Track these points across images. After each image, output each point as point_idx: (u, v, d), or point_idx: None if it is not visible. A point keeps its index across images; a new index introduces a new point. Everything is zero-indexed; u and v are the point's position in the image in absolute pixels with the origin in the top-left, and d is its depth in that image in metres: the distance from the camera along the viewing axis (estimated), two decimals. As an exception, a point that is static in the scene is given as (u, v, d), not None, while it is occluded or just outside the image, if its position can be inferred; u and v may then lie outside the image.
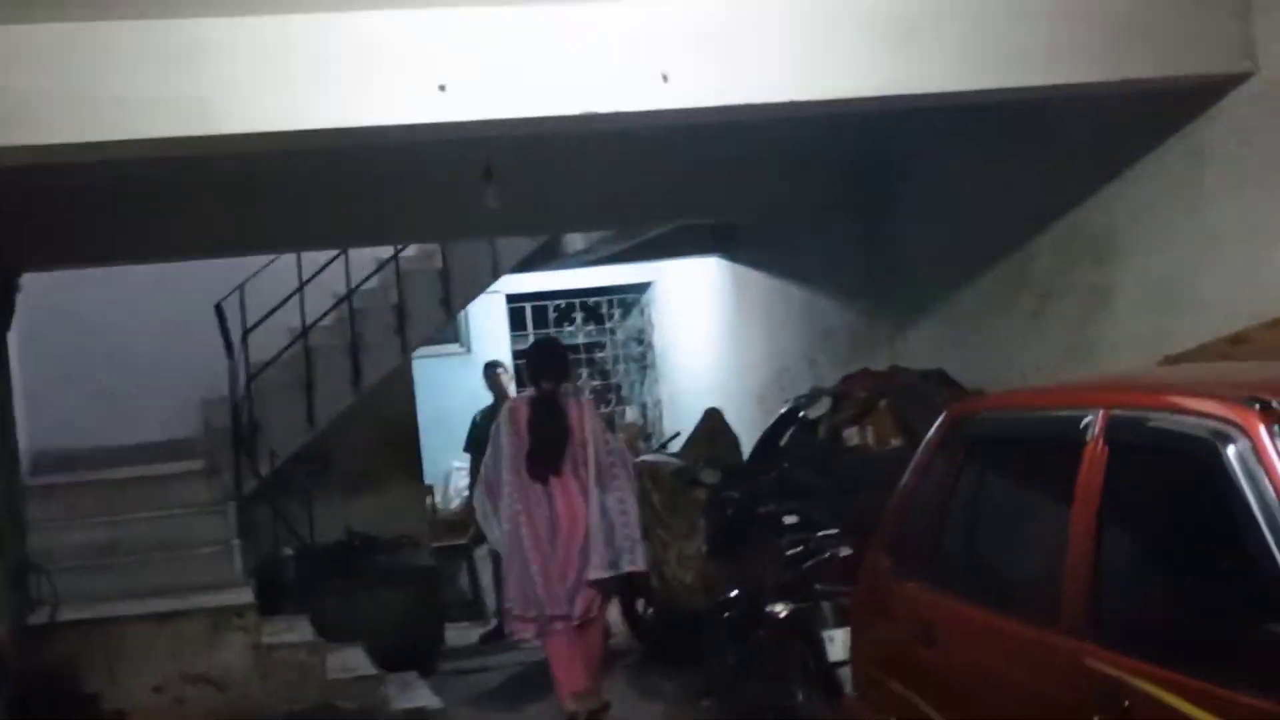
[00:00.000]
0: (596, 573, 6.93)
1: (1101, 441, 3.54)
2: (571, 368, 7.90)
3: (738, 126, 6.05)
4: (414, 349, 9.52)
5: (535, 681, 8.73)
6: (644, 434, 12.58)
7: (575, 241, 9.92)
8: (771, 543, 6.22)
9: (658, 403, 13.06)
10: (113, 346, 9.41)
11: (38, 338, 9.10)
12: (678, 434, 10.40)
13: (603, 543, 6.92)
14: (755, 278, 10.31)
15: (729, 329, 11.04)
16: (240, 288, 8.77)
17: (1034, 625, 3.70)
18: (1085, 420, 3.61)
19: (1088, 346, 6.28)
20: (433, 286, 9.18)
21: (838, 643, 5.41)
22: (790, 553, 5.96)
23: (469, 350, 12.49)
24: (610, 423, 12.44)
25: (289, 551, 9.26)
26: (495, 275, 9.37)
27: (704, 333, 11.64)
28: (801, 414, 7.38)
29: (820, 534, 5.90)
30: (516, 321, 12.97)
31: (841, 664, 5.38)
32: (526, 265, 9.90)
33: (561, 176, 7.35)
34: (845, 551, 5.58)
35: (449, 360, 12.09)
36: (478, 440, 9.41)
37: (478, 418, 9.82)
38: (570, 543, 6.95)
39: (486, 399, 10.29)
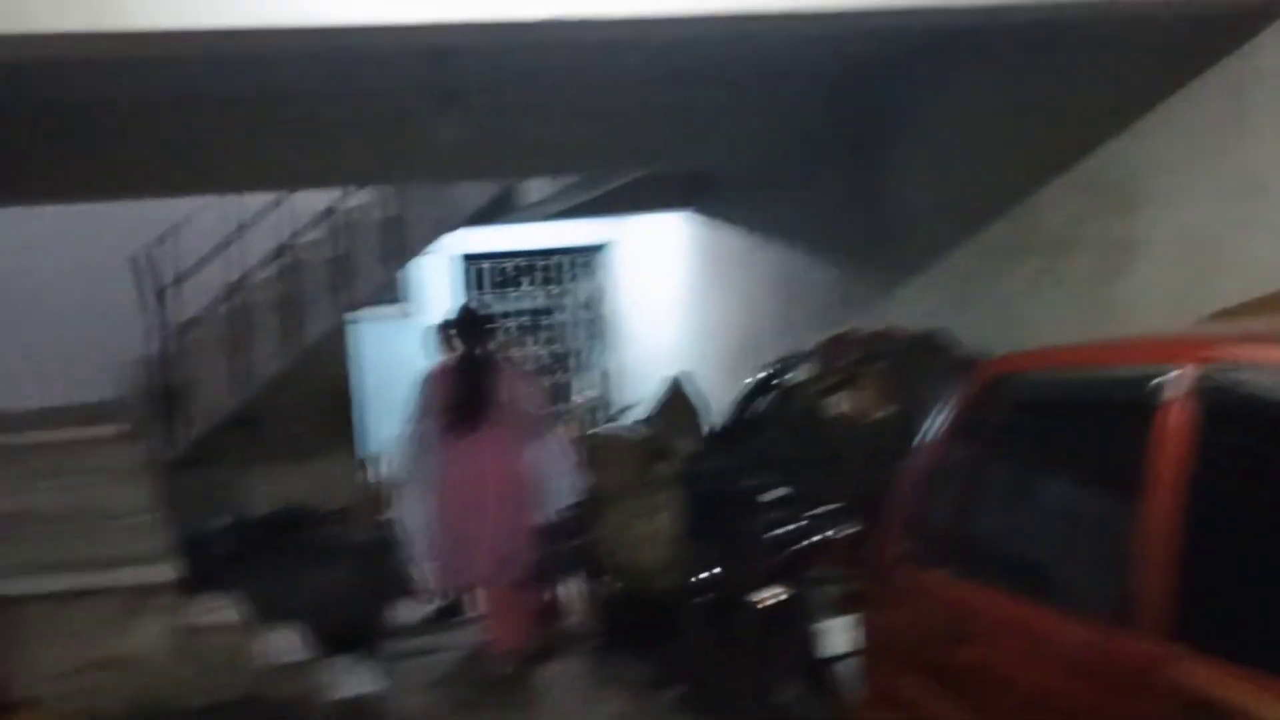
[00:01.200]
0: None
1: (1192, 403, 2.91)
2: (491, 331, 8.15)
3: (714, 62, 5.39)
4: (358, 306, 8.79)
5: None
6: (596, 405, 11.92)
7: (534, 192, 9.21)
8: (753, 521, 5.57)
9: (611, 371, 12.37)
10: (26, 299, 8.64)
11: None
12: (631, 406, 9.76)
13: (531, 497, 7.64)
14: (726, 235, 9.65)
15: (696, 291, 10.36)
16: (164, 237, 7.99)
17: (1100, 626, 3.07)
18: (1170, 377, 2.98)
19: (1108, 306, 5.66)
20: (379, 238, 8.44)
21: (834, 634, 4.78)
22: (777, 532, 5.31)
23: (412, 312, 11.73)
24: (562, 392, 11.80)
25: (218, 524, 8.54)
26: (447, 227, 8.65)
27: (667, 295, 10.95)
28: (779, 380, 6.73)
29: (812, 512, 5.25)
30: (466, 283, 12.24)
31: (838, 658, 4.76)
32: (480, 219, 9.17)
33: (522, 115, 6.67)
34: (844, 531, 4.93)
35: (390, 323, 11.33)
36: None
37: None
38: (483, 503, 7.55)
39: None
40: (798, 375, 6.58)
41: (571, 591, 9.11)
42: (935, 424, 4.10)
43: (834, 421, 6.20)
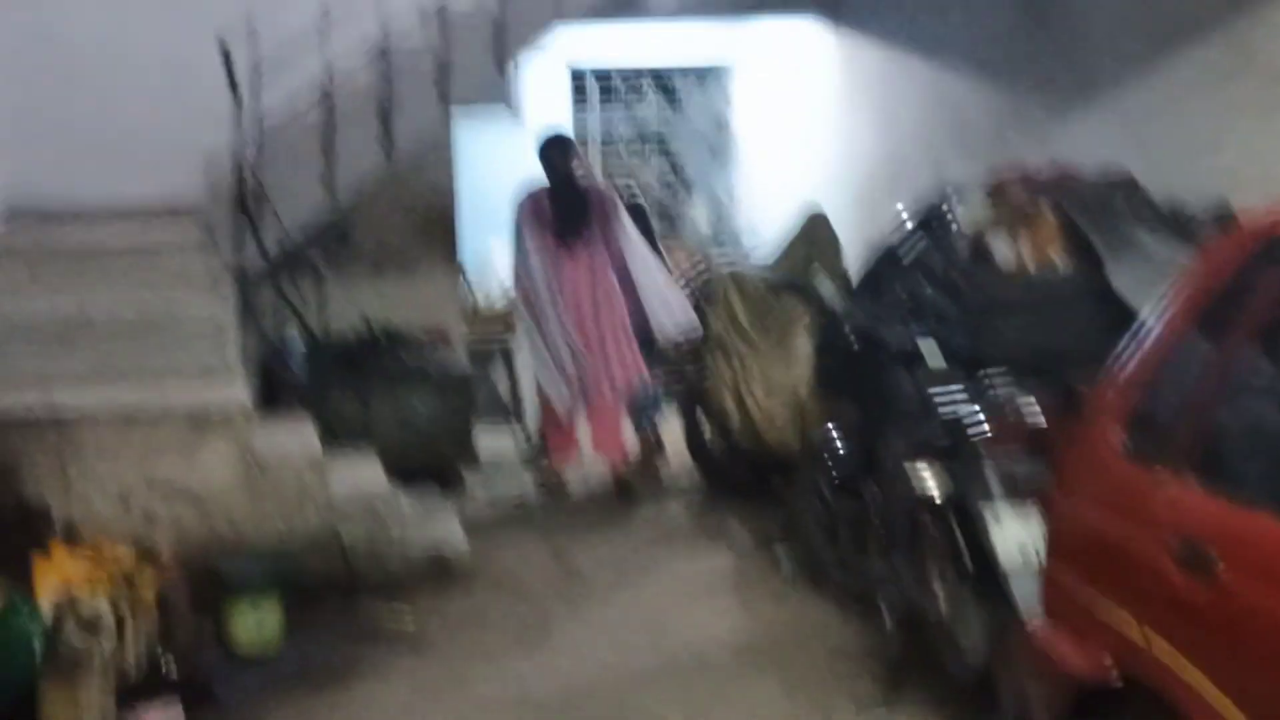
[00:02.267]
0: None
1: None
2: (576, 157, 8.16)
3: None
4: (461, 101, 7.95)
5: (586, 505, 7.60)
6: (715, 235, 11.05)
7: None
8: (911, 383, 4.77)
9: (732, 199, 11.44)
10: (101, 85, 7.86)
11: (11, 68, 7.62)
12: (757, 238, 8.95)
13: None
14: (867, 49, 8.65)
15: (829, 113, 9.39)
16: (251, 20, 7.16)
17: None
18: None
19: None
20: (484, 29, 7.56)
21: (1005, 530, 4.00)
22: (940, 399, 4.51)
23: (519, 118, 10.84)
24: (677, 219, 11.00)
25: (299, 342, 7.90)
26: (560, 17, 7.73)
27: (797, 117, 9.97)
28: (936, 219, 5.82)
29: (985, 378, 4.43)
30: (577, 95, 11.32)
31: (1007, 559, 3.99)
32: (596, 12, 8.20)
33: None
34: (1030, 409, 4.07)
35: (496, 127, 10.43)
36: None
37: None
38: (583, 320, 7.62)
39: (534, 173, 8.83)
40: (959, 215, 5.67)
41: (671, 436, 8.45)
42: (1172, 291, 3.25)
43: (1002, 272, 5.34)
